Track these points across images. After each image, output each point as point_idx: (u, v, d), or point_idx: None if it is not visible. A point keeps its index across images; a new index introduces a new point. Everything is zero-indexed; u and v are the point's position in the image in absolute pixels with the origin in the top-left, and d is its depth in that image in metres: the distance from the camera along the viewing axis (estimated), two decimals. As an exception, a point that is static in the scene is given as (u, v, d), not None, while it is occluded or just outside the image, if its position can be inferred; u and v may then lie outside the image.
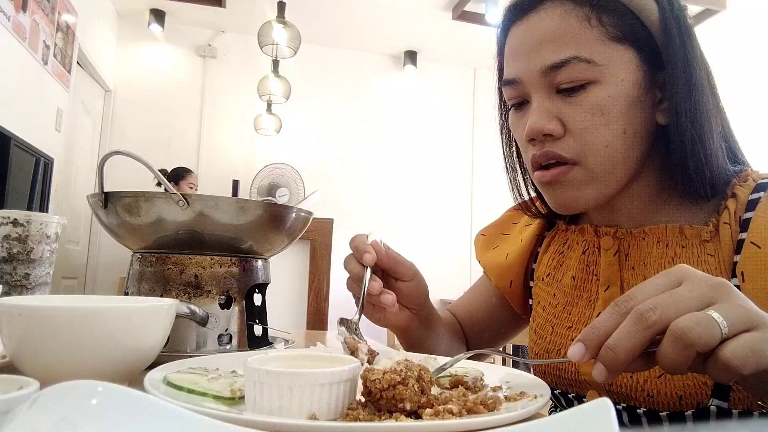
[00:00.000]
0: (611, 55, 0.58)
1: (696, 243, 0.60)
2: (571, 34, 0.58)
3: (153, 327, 0.48)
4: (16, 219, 0.81)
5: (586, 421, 0.29)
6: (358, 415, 0.37)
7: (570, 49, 0.58)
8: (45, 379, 0.34)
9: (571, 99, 0.59)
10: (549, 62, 0.58)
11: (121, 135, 4.33)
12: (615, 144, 0.59)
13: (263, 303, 0.77)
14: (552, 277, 0.73)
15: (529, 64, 0.60)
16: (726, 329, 0.36)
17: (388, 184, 4.88)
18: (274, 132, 4.23)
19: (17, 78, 2.62)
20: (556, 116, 0.59)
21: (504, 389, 0.48)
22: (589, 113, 0.58)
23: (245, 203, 0.67)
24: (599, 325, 0.40)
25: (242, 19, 4.34)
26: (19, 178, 2.59)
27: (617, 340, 0.38)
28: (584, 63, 0.57)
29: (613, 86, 0.58)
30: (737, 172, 0.62)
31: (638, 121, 0.59)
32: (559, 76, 0.58)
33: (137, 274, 0.69)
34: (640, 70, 0.59)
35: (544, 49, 0.59)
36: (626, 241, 0.65)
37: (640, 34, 0.59)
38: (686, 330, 0.36)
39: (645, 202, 0.65)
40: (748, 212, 0.58)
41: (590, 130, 0.58)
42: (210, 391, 0.42)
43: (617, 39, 0.58)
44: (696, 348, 0.36)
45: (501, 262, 0.82)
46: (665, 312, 0.37)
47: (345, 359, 0.42)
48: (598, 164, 0.59)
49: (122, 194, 0.66)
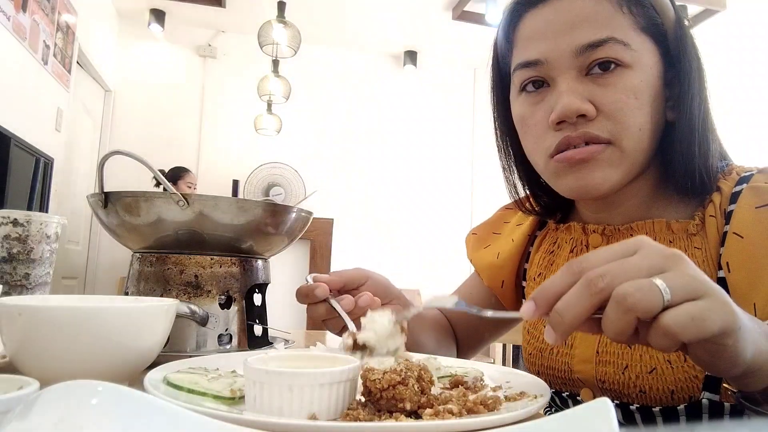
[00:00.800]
0: (641, 43, 0.59)
1: (683, 237, 0.61)
2: (606, 16, 0.59)
3: (153, 327, 0.48)
4: (17, 219, 0.81)
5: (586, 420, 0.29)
6: (358, 415, 0.37)
7: (607, 30, 0.58)
8: (45, 379, 0.34)
9: (603, 81, 0.59)
10: (585, 41, 0.58)
11: (121, 135, 4.33)
12: (646, 128, 0.59)
13: (263, 303, 0.77)
14: (543, 277, 0.74)
15: (560, 44, 0.60)
16: (668, 296, 0.36)
17: (389, 183, 4.88)
18: (274, 132, 4.23)
19: (17, 78, 2.62)
20: (588, 98, 0.59)
21: (504, 389, 0.48)
22: (624, 95, 0.58)
23: (245, 203, 0.67)
24: (549, 285, 0.40)
25: (242, 19, 4.34)
26: (19, 178, 2.59)
27: (565, 305, 0.39)
28: (621, 45, 0.58)
29: (644, 73, 0.59)
30: (722, 167, 0.64)
31: (658, 113, 0.61)
32: (594, 55, 0.58)
33: (137, 274, 0.69)
34: (660, 64, 0.61)
35: (578, 29, 0.59)
36: (614, 237, 0.66)
37: (661, 31, 0.61)
38: (626, 295, 0.36)
39: (641, 201, 0.65)
40: (732, 205, 0.59)
41: (625, 112, 0.58)
42: (210, 391, 0.42)
43: (644, 30, 0.60)
44: (636, 313, 0.36)
45: (492, 262, 0.82)
46: (613, 279, 0.37)
47: (345, 359, 0.42)
48: (632, 146, 0.59)
49: (122, 194, 0.66)
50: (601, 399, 0.29)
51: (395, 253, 4.69)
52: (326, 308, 0.64)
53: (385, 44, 4.80)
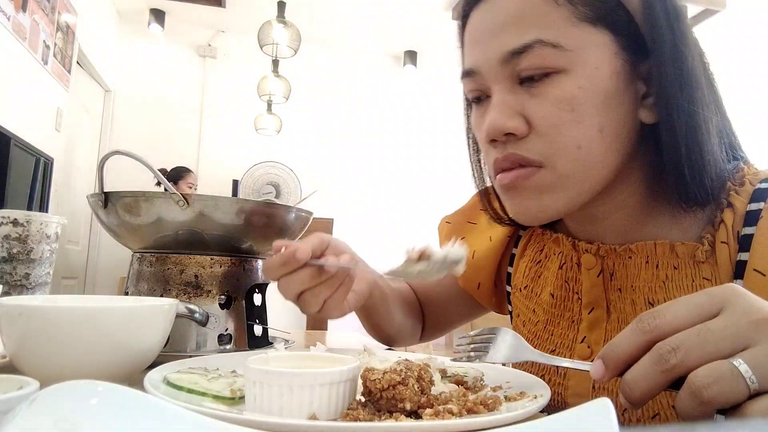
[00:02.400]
0: (582, 39, 0.50)
1: (690, 263, 0.53)
2: (534, 14, 0.50)
3: (153, 327, 0.48)
4: (16, 219, 0.81)
5: (586, 421, 0.29)
6: (358, 415, 0.37)
7: (533, 32, 0.50)
8: (45, 379, 0.34)
9: (535, 91, 0.51)
10: (509, 48, 0.50)
11: (121, 135, 4.33)
12: (590, 145, 0.50)
13: (263, 303, 0.77)
14: (530, 290, 0.68)
15: (488, 51, 0.52)
16: (756, 385, 0.31)
17: (389, 183, 4.88)
18: (274, 132, 4.23)
19: (17, 78, 2.62)
20: (519, 112, 0.51)
21: (504, 389, 0.48)
22: (557, 108, 0.50)
23: (245, 203, 0.67)
24: (618, 343, 0.36)
25: (242, 19, 4.34)
26: (19, 178, 2.59)
27: (634, 379, 0.34)
28: (549, 47, 0.49)
29: (585, 76, 0.50)
30: (732, 170, 0.54)
31: (618, 118, 0.51)
32: (521, 63, 0.50)
33: (137, 274, 0.69)
34: (618, 58, 0.51)
35: (503, 33, 0.51)
36: (610, 259, 0.58)
37: (619, 16, 0.51)
38: (702, 387, 0.31)
39: (630, 214, 0.57)
40: (747, 227, 0.51)
41: (559, 128, 0.50)
42: (210, 391, 0.42)
43: (590, 20, 0.50)
44: (714, 406, 0.31)
45: (467, 261, 0.76)
46: (688, 355, 0.32)
47: (345, 359, 0.42)
48: (569, 168, 0.51)
49: (122, 194, 0.66)
50: (602, 399, 0.29)
51: (395, 253, 4.69)
52: (310, 273, 0.55)
53: (385, 44, 4.80)
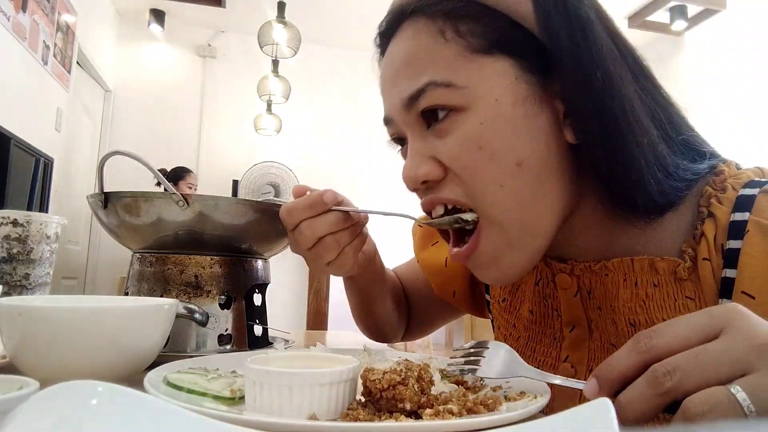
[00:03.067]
0: (476, 73, 0.48)
1: (671, 281, 0.50)
2: (423, 56, 0.49)
3: (153, 327, 0.48)
4: (16, 219, 0.81)
5: (586, 421, 0.29)
6: (358, 415, 0.37)
7: (425, 75, 0.48)
8: (45, 379, 0.34)
9: (442, 131, 0.49)
10: (406, 94, 0.49)
11: (121, 135, 4.33)
12: (511, 182, 0.47)
13: (263, 303, 0.77)
14: (509, 303, 0.66)
15: (392, 99, 0.52)
16: (753, 414, 0.30)
17: (388, 184, 4.88)
18: (274, 132, 4.24)
19: (17, 78, 2.62)
20: (431, 157, 0.50)
21: (504, 389, 0.48)
22: (465, 149, 0.48)
23: (245, 203, 0.67)
24: (614, 362, 0.35)
25: (242, 19, 4.34)
26: (19, 178, 2.59)
27: (628, 400, 0.33)
28: (442, 88, 0.47)
29: (485, 111, 0.47)
30: (705, 170, 0.51)
31: (537, 147, 0.48)
32: (419, 106, 0.49)
33: (137, 274, 0.69)
34: (521, 83, 0.48)
35: (399, 80, 0.51)
36: (585, 277, 0.55)
37: (514, 37, 0.48)
38: (698, 415, 0.30)
39: (598, 232, 0.54)
40: (732, 240, 0.47)
41: (473, 170, 0.48)
42: (210, 391, 0.42)
43: (483, 50, 0.48)
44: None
45: (441, 269, 0.73)
46: (684, 378, 0.31)
47: (345, 359, 0.42)
48: (502, 214, 0.48)
49: (122, 194, 0.66)
50: (602, 399, 0.29)
51: (395, 253, 4.69)
52: (336, 216, 0.57)
53: (385, 44, 4.80)
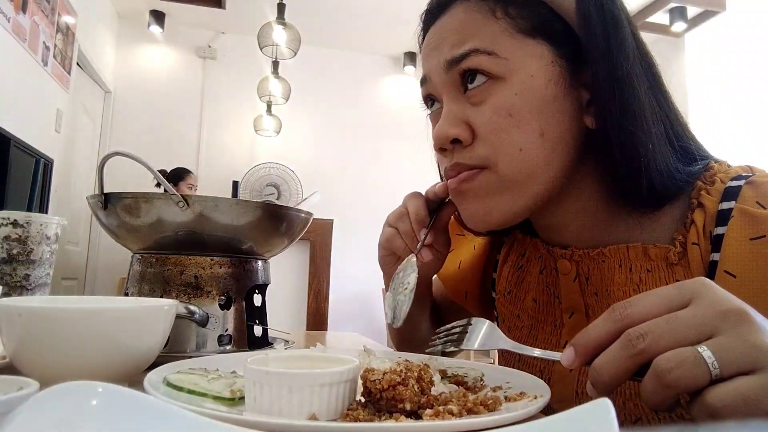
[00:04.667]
0: (518, 49, 0.53)
1: (662, 266, 0.54)
2: (473, 27, 0.54)
3: (153, 328, 0.48)
4: (16, 220, 0.81)
5: (586, 421, 0.29)
6: (358, 415, 0.37)
7: (470, 43, 0.53)
8: (45, 380, 0.34)
9: (477, 98, 0.54)
10: (449, 56, 0.55)
11: (121, 136, 4.33)
12: (531, 148, 0.52)
13: (263, 304, 0.77)
14: (514, 295, 0.69)
15: (433, 60, 0.57)
16: (717, 371, 0.32)
17: (388, 184, 4.88)
18: (273, 133, 4.24)
19: (17, 79, 2.62)
20: (464, 121, 0.55)
21: (504, 389, 0.48)
22: (496, 114, 0.53)
23: (245, 204, 0.67)
24: (591, 331, 0.38)
25: (242, 21, 4.34)
26: (19, 179, 2.59)
27: (602, 363, 0.36)
28: (484, 55, 0.52)
29: (521, 83, 0.52)
30: (699, 171, 0.55)
31: (559, 124, 0.53)
32: (461, 68, 0.54)
33: (137, 275, 0.69)
34: (555, 66, 0.53)
35: (445, 44, 0.56)
36: (584, 263, 0.59)
37: (555, 27, 0.53)
38: (665, 370, 0.32)
39: (595, 218, 0.58)
40: (719, 226, 0.51)
41: (499, 133, 0.53)
42: (210, 392, 0.42)
43: (527, 32, 0.53)
44: (676, 390, 0.33)
45: (454, 272, 0.77)
46: (655, 340, 0.34)
47: (345, 360, 0.42)
48: (512, 169, 0.53)
49: (122, 195, 0.66)
50: (602, 399, 0.29)
51: None
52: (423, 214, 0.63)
53: (385, 45, 4.80)
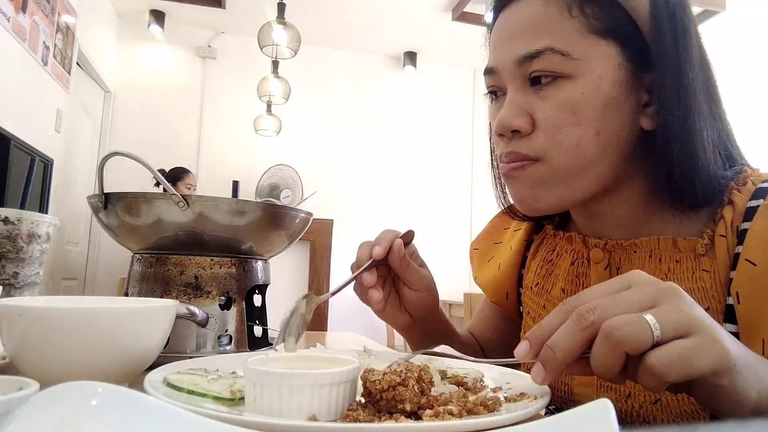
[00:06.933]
0: (590, 50, 0.54)
1: (690, 257, 0.56)
2: (548, 23, 0.55)
3: (153, 328, 0.48)
4: (7, 217, 0.81)
5: (586, 421, 0.29)
6: (358, 416, 0.37)
7: (545, 40, 0.54)
8: (45, 380, 0.34)
9: (542, 93, 0.56)
10: (523, 52, 0.56)
11: (121, 136, 4.33)
12: (586, 145, 0.55)
13: (263, 304, 0.77)
14: (541, 287, 0.70)
15: (505, 53, 0.58)
16: (658, 333, 0.35)
17: (388, 185, 4.88)
18: (273, 133, 4.23)
19: (17, 79, 2.62)
20: (526, 111, 0.56)
21: (504, 390, 0.48)
22: (559, 110, 0.55)
23: (245, 204, 0.67)
24: (544, 324, 0.40)
25: (242, 20, 4.34)
26: (19, 178, 2.59)
27: (556, 340, 0.38)
28: (558, 55, 0.54)
29: (588, 83, 0.54)
30: (733, 175, 0.57)
31: (616, 124, 0.55)
32: (532, 67, 0.55)
33: (137, 275, 0.69)
34: (622, 68, 0.55)
35: (519, 39, 0.56)
36: (617, 254, 0.61)
37: (626, 29, 0.55)
38: (614, 328, 0.35)
39: (634, 211, 0.61)
40: (746, 222, 0.54)
41: (560, 128, 0.55)
42: (210, 392, 0.42)
43: (599, 32, 0.54)
44: (623, 347, 0.35)
45: (495, 274, 0.78)
46: (603, 312, 0.37)
47: (345, 360, 0.42)
48: (565, 164, 0.56)
49: (122, 195, 0.66)
50: (602, 400, 0.29)
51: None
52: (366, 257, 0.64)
53: (385, 45, 4.80)
